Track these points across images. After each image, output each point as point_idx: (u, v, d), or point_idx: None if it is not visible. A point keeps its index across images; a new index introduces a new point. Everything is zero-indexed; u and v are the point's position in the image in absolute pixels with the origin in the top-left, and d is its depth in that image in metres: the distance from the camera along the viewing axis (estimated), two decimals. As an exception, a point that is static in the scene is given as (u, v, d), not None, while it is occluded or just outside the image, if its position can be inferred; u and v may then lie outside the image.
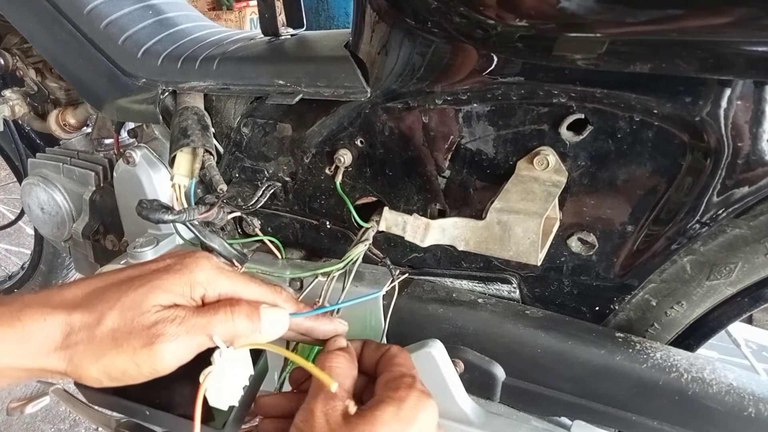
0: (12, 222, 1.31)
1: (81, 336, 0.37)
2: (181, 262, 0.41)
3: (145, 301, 0.38)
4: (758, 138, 0.42)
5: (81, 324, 0.37)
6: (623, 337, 0.53)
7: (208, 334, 0.39)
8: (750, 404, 0.46)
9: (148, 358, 0.37)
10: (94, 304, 0.38)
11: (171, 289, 0.39)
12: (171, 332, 0.37)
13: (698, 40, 0.39)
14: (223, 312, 0.40)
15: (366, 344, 0.48)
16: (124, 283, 0.40)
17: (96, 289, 0.40)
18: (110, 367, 0.37)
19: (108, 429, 0.67)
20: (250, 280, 0.44)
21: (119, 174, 0.75)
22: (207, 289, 0.41)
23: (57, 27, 0.73)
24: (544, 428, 0.57)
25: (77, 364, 0.37)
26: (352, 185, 0.61)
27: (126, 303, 0.38)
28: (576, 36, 0.43)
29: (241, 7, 4.22)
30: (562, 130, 0.48)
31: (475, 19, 0.46)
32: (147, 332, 0.37)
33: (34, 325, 0.37)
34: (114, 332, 0.37)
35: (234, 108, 0.68)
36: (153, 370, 0.38)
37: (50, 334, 0.37)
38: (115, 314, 0.38)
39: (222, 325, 0.39)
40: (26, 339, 0.37)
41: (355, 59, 0.57)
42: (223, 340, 0.40)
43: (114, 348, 0.37)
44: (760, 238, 0.48)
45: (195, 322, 0.39)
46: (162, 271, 0.40)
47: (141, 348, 0.37)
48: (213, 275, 0.41)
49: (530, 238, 0.47)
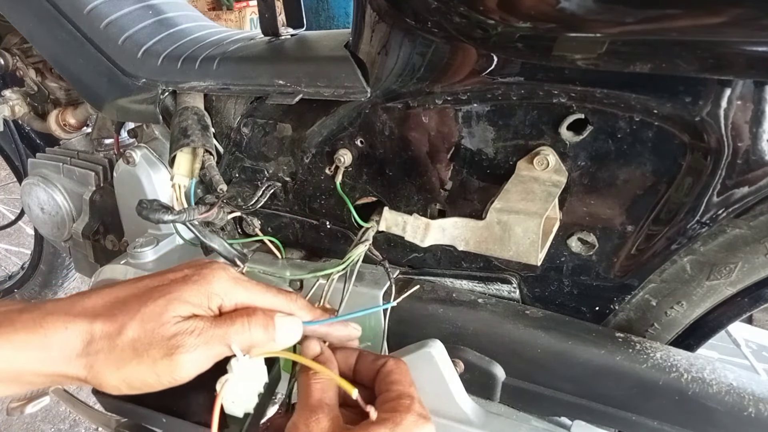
0: (12, 222, 1.31)
1: (102, 345, 0.38)
2: (199, 273, 0.42)
3: (164, 313, 0.39)
4: (758, 138, 0.42)
5: (102, 333, 0.39)
6: (623, 337, 0.53)
7: (226, 344, 0.40)
8: (750, 404, 0.46)
9: (168, 368, 0.38)
10: (115, 314, 0.39)
11: (189, 300, 0.40)
12: (190, 343, 0.39)
13: (698, 40, 0.39)
14: (240, 322, 0.41)
15: (361, 356, 0.47)
16: (144, 293, 0.41)
17: (117, 299, 0.41)
18: (131, 377, 0.39)
19: (108, 429, 0.67)
20: (266, 289, 0.44)
21: (119, 174, 0.75)
22: (224, 299, 0.42)
23: (57, 27, 0.73)
24: (544, 428, 0.57)
25: (98, 371, 0.38)
26: (352, 185, 0.61)
27: (146, 314, 0.39)
28: (576, 36, 0.43)
29: (241, 7, 4.22)
30: (562, 130, 0.48)
31: (475, 19, 0.46)
32: (167, 343, 0.38)
33: (55, 332, 0.38)
34: (134, 342, 0.38)
35: (234, 108, 0.68)
36: (172, 380, 0.39)
37: (71, 342, 0.38)
38: (136, 325, 0.39)
39: (239, 335, 0.41)
40: (48, 346, 0.38)
41: (355, 59, 0.57)
42: (240, 349, 0.41)
43: (135, 358, 0.38)
44: (760, 238, 0.48)
45: (213, 332, 0.40)
46: (180, 282, 0.41)
47: (161, 358, 0.38)
48: (230, 286, 0.42)
49: (530, 238, 0.47)
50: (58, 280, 1.43)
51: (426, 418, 0.40)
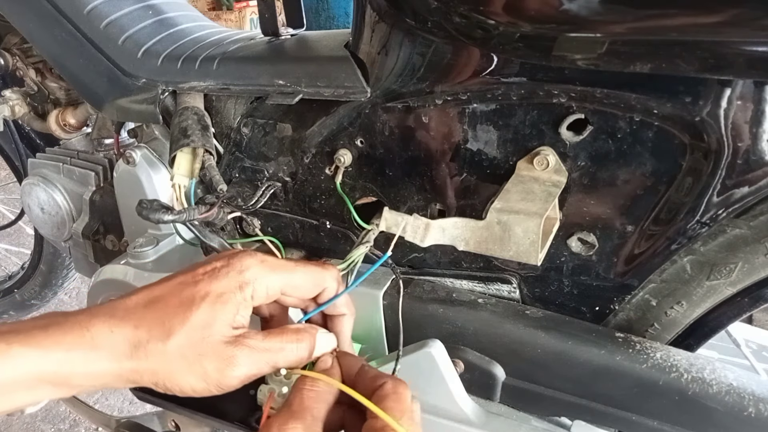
0: (12, 222, 1.31)
1: (150, 350, 0.39)
2: (228, 264, 0.43)
3: (212, 321, 0.40)
4: (758, 138, 0.42)
5: (149, 337, 0.39)
6: (623, 337, 0.53)
7: (275, 367, 0.42)
8: (750, 404, 0.46)
9: (218, 380, 0.39)
10: (161, 319, 0.40)
11: (227, 299, 0.41)
12: (242, 361, 0.40)
13: (698, 40, 0.39)
14: (289, 349, 0.42)
15: (363, 369, 0.44)
16: (185, 296, 0.41)
17: (158, 301, 0.41)
18: (182, 383, 0.39)
19: (108, 429, 0.67)
20: (294, 268, 0.44)
21: (119, 174, 0.75)
22: (255, 286, 0.42)
23: (57, 27, 0.73)
24: (544, 428, 0.57)
25: (149, 376, 0.39)
26: (352, 185, 0.61)
27: (194, 321, 0.40)
28: (576, 36, 0.43)
29: (241, 7, 4.22)
30: (562, 130, 0.49)
31: (476, 19, 0.46)
32: (219, 356, 0.39)
33: (101, 335, 0.38)
34: (183, 349, 0.39)
35: (234, 108, 0.68)
36: (219, 390, 0.40)
37: (118, 346, 0.39)
38: (184, 332, 0.39)
39: (288, 360, 0.42)
40: (96, 347, 0.38)
41: (355, 59, 0.57)
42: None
43: (185, 366, 0.39)
44: (760, 238, 0.48)
45: (263, 356, 0.41)
46: (212, 277, 0.42)
47: (213, 371, 0.39)
48: (260, 272, 0.42)
49: (530, 238, 0.47)
50: (58, 280, 1.42)
51: None
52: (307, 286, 0.45)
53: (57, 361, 0.37)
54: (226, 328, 0.40)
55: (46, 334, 0.37)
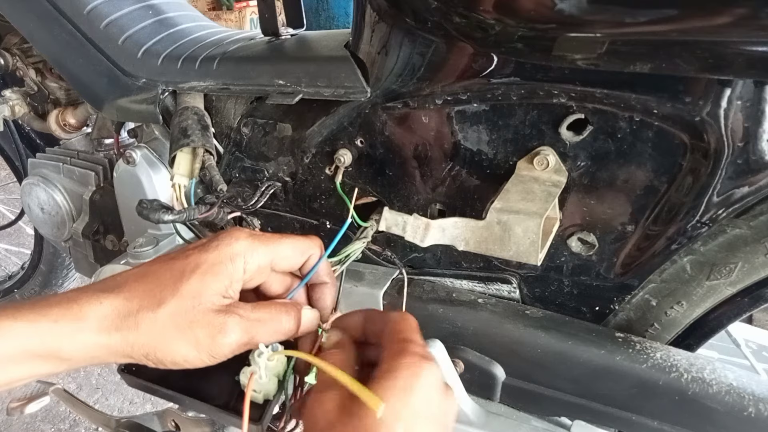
0: (12, 222, 1.31)
1: (140, 319, 0.39)
2: (218, 238, 0.43)
3: (203, 290, 0.40)
4: (758, 138, 0.42)
5: (139, 307, 0.39)
6: (623, 337, 0.53)
7: (263, 338, 0.42)
8: (750, 404, 0.46)
9: (209, 348, 0.39)
10: (151, 289, 0.40)
11: (218, 270, 0.41)
12: (232, 328, 0.40)
13: (698, 40, 0.39)
14: (278, 320, 0.43)
15: (368, 316, 0.46)
16: (176, 269, 0.41)
17: (148, 275, 0.41)
18: (173, 352, 0.39)
19: (108, 429, 0.67)
20: (280, 239, 0.45)
21: (119, 174, 0.75)
22: (246, 258, 0.42)
23: (57, 27, 0.73)
24: (544, 428, 0.57)
25: (139, 346, 0.39)
26: (352, 185, 0.61)
27: (184, 290, 0.40)
28: (576, 36, 0.43)
29: (241, 7, 4.22)
30: (562, 130, 0.48)
31: (475, 19, 0.46)
32: (210, 324, 0.39)
33: (90, 305, 0.38)
34: (174, 317, 0.39)
35: (234, 108, 0.68)
36: (210, 360, 0.40)
37: (107, 316, 0.39)
38: (175, 301, 0.39)
39: (276, 331, 0.43)
40: (83, 317, 0.38)
41: (355, 59, 0.57)
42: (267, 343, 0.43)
43: (177, 334, 0.39)
44: (760, 238, 0.48)
45: (252, 325, 0.41)
46: (202, 250, 0.42)
47: (204, 338, 0.39)
48: (249, 244, 0.43)
49: (530, 238, 0.47)
50: (58, 280, 1.43)
51: (427, 358, 0.39)
52: (294, 255, 0.46)
53: (44, 333, 0.37)
54: (217, 297, 0.40)
55: (33, 308, 0.38)
